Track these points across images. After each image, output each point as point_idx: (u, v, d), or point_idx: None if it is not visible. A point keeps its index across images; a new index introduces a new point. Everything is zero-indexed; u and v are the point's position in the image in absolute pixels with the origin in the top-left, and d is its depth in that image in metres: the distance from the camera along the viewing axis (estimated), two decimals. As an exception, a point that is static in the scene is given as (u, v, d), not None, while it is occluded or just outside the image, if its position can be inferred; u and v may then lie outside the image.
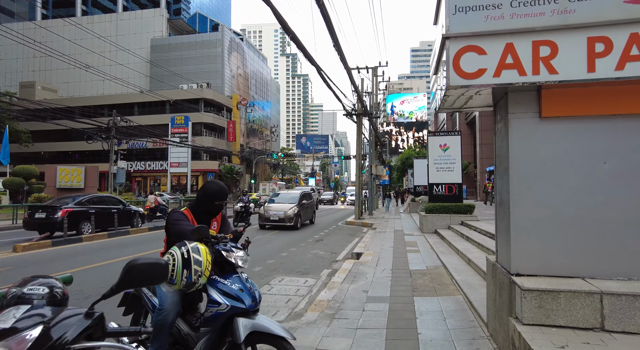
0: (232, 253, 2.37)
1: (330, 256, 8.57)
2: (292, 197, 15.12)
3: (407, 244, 9.23)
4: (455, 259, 6.78)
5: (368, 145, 24.70)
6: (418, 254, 7.83)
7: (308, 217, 15.87)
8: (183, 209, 2.59)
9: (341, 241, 11.13)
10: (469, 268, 5.91)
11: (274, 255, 8.66)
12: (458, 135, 12.02)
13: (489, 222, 10.46)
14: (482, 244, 7.05)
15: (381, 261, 7.07)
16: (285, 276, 6.55)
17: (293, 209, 13.88)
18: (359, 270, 6.34)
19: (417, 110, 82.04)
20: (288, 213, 13.68)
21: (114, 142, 21.00)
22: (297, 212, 14.00)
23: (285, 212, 13.68)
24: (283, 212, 13.69)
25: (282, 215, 13.65)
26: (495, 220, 3.27)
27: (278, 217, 13.66)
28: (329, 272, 6.86)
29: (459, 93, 2.86)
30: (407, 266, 6.60)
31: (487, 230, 8.21)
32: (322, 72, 10.38)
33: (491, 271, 3.22)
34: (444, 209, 11.36)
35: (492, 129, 15.75)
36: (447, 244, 8.73)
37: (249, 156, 45.67)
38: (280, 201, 14.87)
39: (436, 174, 11.85)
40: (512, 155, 2.74)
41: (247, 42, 67.97)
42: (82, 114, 39.34)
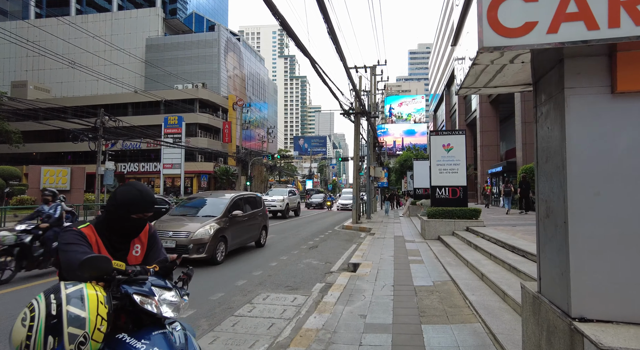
0: (152, 297, 1.53)
1: (324, 266, 7.75)
2: (212, 207, 8.67)
3: (408, 253, 8.41)
4: (465, 273, 5.97)
5: (366, 147, 23.91)
6: (422, 265, 7.01)
7: (249, 237, 9.55)
8: (82, 227, 1.72)
9: (337, 248, 10.30)
10: (483, 285, 5.09)
11: (262, 265, 7.83)
12: (462, 135, 11.23)
13: (497, 228, 9.67)
14: (494, 255, 6.24)
15: (381, 274, 6.25)
16: (271, 292, 5.71)
17: (207, 229, 7.65)
18: (356, 286, 5.51)
19: (415, 112, 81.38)
20: (194, 237, 7.45)
21: (102, 142, 20.11)
22: (217, 233, 7.80)
23: (189, 235, 7.46)
24: (185, 234, 7.50)
25: (184, 238, 7.42)
26: (538, 237, 2.46)
27: (175, 244, 7.37)
28: (322, 286, 6.03)
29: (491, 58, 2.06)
30: (410, 281, 5.78)
31: (498, 238, 7.40)
32: (316, 65, 9.59)
33: (531, 305, 2.41)
34: (447, 214, 10.56)
35: (493, 130, 15.02)
36: (454, 253, 7.91)
37: (244, 157, 44.82)
38: (189, 213, 8.73)
39: (439, 175, 11.06)
40: (571, 147, 1.94)
41: (244, 42, 67.19)
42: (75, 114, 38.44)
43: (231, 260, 8.37)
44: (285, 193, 20.85)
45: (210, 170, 44.74)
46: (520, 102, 19.72)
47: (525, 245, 6.17)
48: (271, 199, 19.54)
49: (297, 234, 13.52)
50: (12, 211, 16.16)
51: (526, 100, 19.69)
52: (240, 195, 9.60)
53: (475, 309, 4.15)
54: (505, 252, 6.33)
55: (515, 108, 20.54)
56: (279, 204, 19.56)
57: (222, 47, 55.46)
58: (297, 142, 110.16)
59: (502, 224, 10.92)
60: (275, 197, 20.11)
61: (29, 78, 56.44)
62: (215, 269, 7.43)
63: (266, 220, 10.72)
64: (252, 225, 9.71)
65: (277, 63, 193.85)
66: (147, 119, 43.88)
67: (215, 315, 4.73)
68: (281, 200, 19.75)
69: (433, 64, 72.94)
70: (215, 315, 4.75)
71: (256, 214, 10.04)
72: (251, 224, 9.64)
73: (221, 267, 7.57)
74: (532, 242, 6.78)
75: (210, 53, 54.42)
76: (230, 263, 8.03)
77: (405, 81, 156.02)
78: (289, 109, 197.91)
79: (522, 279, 4.78)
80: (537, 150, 2.33)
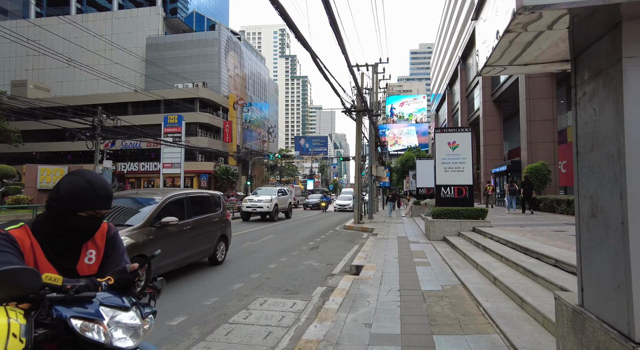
0: (98, 321, 1.15)
1: (325, 269, 7.39)
2: (132, 212, 6.10)
3: (413, 254, 8.05)
4: (475, 276, 5.60)
5: (368, 146, 23.55)
6: (428, 267, 6.65)
7: (196, 253, 7.01)
8: (12, 228, 1.33)
9: (338, 249, 9.94)
10: (497, 290, 4.72)
11: (261, 267, 7.48)
12: (468, 132, 10.86)
13: (505, 228, 9.31)
14: (506, 257, 5.88)
15: (386, 278, 5.88)
16: (269, 297, 5.36)
17: None
18: (360, 291, 5.15)
19: (416, 112, 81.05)
20: None
21: (101, 142, 19.79)
22: (131, 250, 5.41)
23: None
24: None
25: None
26: (579, 240, 2.09)
27: None
28: (323, 290, 5.67)
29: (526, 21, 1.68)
30: (417, 285, 5.42)
31: (508, 239, 7.04)
32: (317, 59, 9.23)
33: (570, 320, 2.05)
34: (453, 214, 10.19)
35: (497, 129, 14.51)
36: (461, 255, 7.55)
37: (245, 157, 44.50)
38: None
39: (444, 174, 10.69)
40: (631, 131, 1.58)
41: (244, 41, 66.91)
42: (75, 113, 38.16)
43: (228, 261, 8.02)
44: (273, 192, 19.09)
45: (211, 169, 44.45)
46: (525, 100, 19.33)
47: (539, 247, 5.81)
48: (257, 200, 18.04)
49: (298, 234, 13.18)
50: (7, 211, 15.84)
51: (531, 98, 19.31)
52: (179, 194, 6.79)
53: (490, 317, 3.78)
54: (517, 254, 5.96)
55: (520, 106, 20.15)
56: (266, 205, 17.79)
57: (223, 46, 55.16)
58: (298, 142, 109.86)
59: (509, 224, 10.55)
60: (261, 197, 18.34)
61: (29, 77, 56.21)
62: (212, 270, 7.09)
63: (227, 229, 8.06)
64: (201, 236, 7.02)
65: (278, 63, 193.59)
66: (148, 118, 43.62)
67: (208, 323, 4.38)
68: (268, 200, 17.97)
69: (435, 63, 72.52)
70: (208, 322, 4.40)
71: (209, 220, 7.35)
72: (198, 235, 6.92)
73: (217, 269, 7.23)
74: (545, 243, 6.41)
75: (210, 52, 54.13)
76: (227, 265, 7.68)
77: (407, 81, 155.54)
78: (289, 109, 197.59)
79: (539, 283, 4.42)
80: (578, 137, 1.97)
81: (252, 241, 11.26)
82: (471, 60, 34.01)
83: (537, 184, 17.21)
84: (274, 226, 16.34)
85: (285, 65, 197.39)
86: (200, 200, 7.47)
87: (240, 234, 13.17)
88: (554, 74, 19.24)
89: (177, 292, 5.64)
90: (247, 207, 17.84)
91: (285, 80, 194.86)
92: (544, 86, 19.14)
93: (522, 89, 19.89)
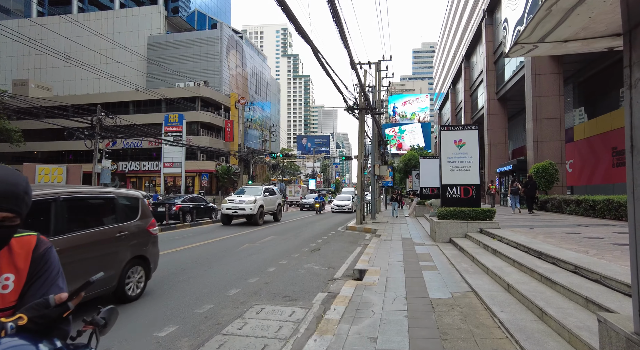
0: None
1: (326, 272, 7.06)
2: None
3: (419, 257, 7.70)
4: (486, 282, 5.25)
5: (370, 145, 23.19)
6: (435, 272, 6.30)
7: None
8: None
9: (341, 251, 9.61)
10: (512, 299, 4.37)
11: (260, 270, 7.15)
12: (475, 130, 10.49)
13: (513, 230, 8.95)
14: (518, 262, 5.52)
15: (391, 283, 5.54)
16: (266, 304, 5.03)
17: None
18: (363, 298, 4.81)
19: (419, 111, 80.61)
20: None
21: (102, 141, 19.52)
22: None
23: None
24: None
25: None
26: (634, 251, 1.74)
27: None
28: (324, 297, 5.34)
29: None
30: (425, 292, 5.08)
31: (518, 242, 6.69)
32: (318, 54, 8.89)
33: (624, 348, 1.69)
34: (459, 215, 9.83)
35: (501, 128, 14.11)
36: (469, 258, 7.20)
37: (246, 156, 44.23)
38: None
39: (450, 174, 10.32)
40: None
41: (246, 40, 66.60)
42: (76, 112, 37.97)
43: (226, 265, 7.70)
44: (258, 192, 16.73)
45: (212, 169, 44.20)
46: (531, 97, 18.91)
47: (554, 251, 5.46)
48: (239, 200, 15.72)
49: (299, 235, 12.85)
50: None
51: (537, 96, 18.89)
52: (44, 195, 4.16)
53: (508, 331, 3.44)
54: (530, 259, 5.61)
55: (526, 104, 19.73)
56: (248, 207, 15.49)
57: (224, 45, 54.90)
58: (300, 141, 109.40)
59: (517, 225, 10.19)
60: (244, 197, 15.94)
61: (31, 77, 56.12)
62: (208, 274, 6.76)
63: (147, 247, 5.53)
64: (88, 262, 4.57)
65: (280, 62, 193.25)
66: (149, 117, 43.41)
67: (199, 333, 4.06)
68: (251, 201, 15.64)
69: (438, 62, 72.01)
70: (199, 332, 4.08)
71: (106, 235, 4.88)
72: (83, 260, 4.49)
73: (214, 273, 6.90)
74: (559, 246, 6.05)
75: (212, 51, 53.87)
76: (225, 268, 7.35)
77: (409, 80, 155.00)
78: (292, 108, 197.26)
79: (558, 292, 4.06)
80: (633, 128, 1.62)
81: (251, 243, 10.95)
82: (475, 59, 33.57)
83: (544, 184, 16.82)
84: (276, 227, 16.03)
85: (288, 65, 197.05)
86: (90, 204, 4.95)
87: (225, 239, 12.87)
88: (560, 71, 18.82)
89: (170, 298, 5.32)
90: (226, 209, 15.69)
91: (287, 80, 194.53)
92: (550, 83, 18.73)
93: (528, 86, 19.48)
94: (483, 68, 28.51)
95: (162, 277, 6.49)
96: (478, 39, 31.14)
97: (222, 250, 9.45)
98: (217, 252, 9.15)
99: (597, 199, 12.16)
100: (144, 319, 4.48)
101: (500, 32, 25.66)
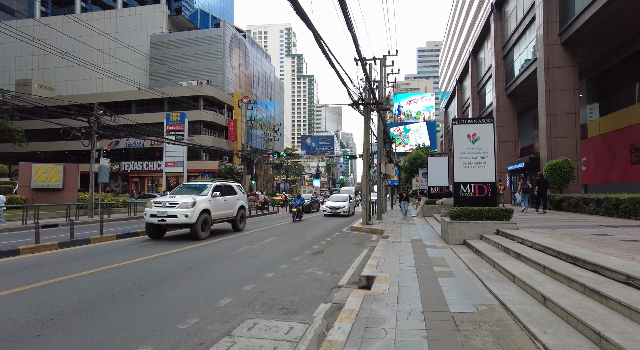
0: None
1: (330, 279, 6.36)
2: None
3: (432, 262, 6.98)
4: (515, 293, 4.53)
5: (376, 143, 22.45)
6: (453, 279, 5.58)
7: None
8: None
9: (346, 254, 8.91)
10: (552, 315, 3.65)
11: (256, 276, 6.47)
12: (490, 123, 9.75)
13: (534, 231, 8.20)
14: (550, 268, 4.80)
15: (403, 293, 4.84)
16: (260, 318, 4.35)
17: None
18: (373, 312, 4.11)
19: (424, 110, 79.79)
20: None
21: (96, 139, 18.96)
22: None
23: None
24: None
25: None
26: None
27: None
28: (327, 309, 4.65)
29: None
30: (444, 304, 4.37)
31: (545, 245, 5.95)
32: (321, 41, 8.21)
33: None
34: (474, 214, 9.10)
35: (511, 125, 13.30)
36: (489, 263, 6.47)
37: (249, 156, 43.63)
38: None
39: (463, 170, 9.59)
40: None
41: (249, 39, 66.05)
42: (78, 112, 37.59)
43: (219, 269, 7.03)
44: (203, 190, 11.80)
45: (215, 168, 43.65)
46: (544, 92, 18.08)
47: (592, 257, 4.72)
48: (169, 203, 10.77)
49: (301, 236, 12.17)
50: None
51: (551, 90, 18.06)
52: None
53: (558, 360, 2.72)
54: (564, 265, 4.88)
55: (539, 99, 18.89)
56: (183, 213, 10.53)
57: (227, 44, 54.39)
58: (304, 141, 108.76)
59: (535, 226, 9.44)
60: (178, 198, 10.96)
61: (34, 77, 56.03)
62: (199, 280, 6.09)
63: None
64: None
65: (284, 62, 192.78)
66: (151, 116, 42.99)
67: (177, 357, 3.38)
68: (188, 204, 10.68)
69: (443, 60, 70.99)
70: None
71: None
72: None
73: (205, 279, 6.22)
74: (595, 250, 5.31)
75: (215, 49, 53.38)
76: (218, 272, 6.68)
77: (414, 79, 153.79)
78: (296, 108, 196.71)
79: (613, 309, 3.33)
80: None
81: (250, 244, 10.29)
82: (482, 55, 32.71)
83: (559, 182, 16.00)
84: (276, 227, 15.35)
85: (292, 65, 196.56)
86: None
87: (222, 241, 12.23)
88: (576, 64, 17.98)
89: (151, 309, 4.64)
90: (151, 215, 10.76)
91: (291, 80, 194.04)
92: (565, 77, 17.89)
93: (541, 80, 18.66)
94: (491, 64, 27.67)
95: (147, 284, 5.84)
96: (486, 34, 30.27)
97: (218, 253, 8.80)
98: (211, 255, 8.50)
99: (622, 198, 11.35)
100: (114, 338, 3.81)
101: (510, 26, 24.80)
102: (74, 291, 5.45)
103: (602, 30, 16.15)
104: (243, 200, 13.98)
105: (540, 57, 18.59)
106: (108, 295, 5.26)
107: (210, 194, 11.81)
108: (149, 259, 8.05)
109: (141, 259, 7.95)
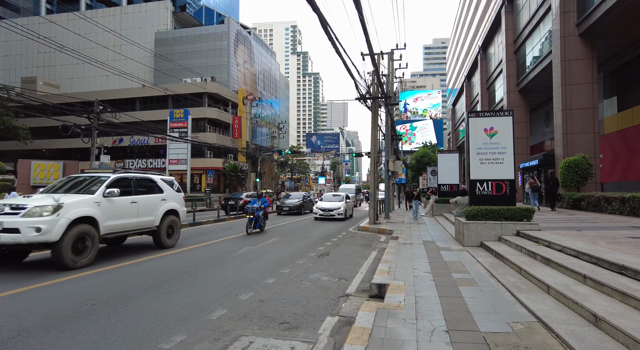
0: None
1: (337, 285, 5.75)
2: None
3: (449, 267, 6.34)
4: (554, 308, 3.88)
5: (383, 140, 21.77)
6: (476, 289, 4.94)
7: None
8: None
9: (353, 256, 8.29)
10: (611, 342, 3.00)
11: (255, 282, 5.88)
12: (509, 116, 9.07)
13: (558, 232, 7.53)
14: (591, 278, 4.15)
15: (422, 306, 4.21)
16: (258, 335, 3.74)
17: None
18: (388, 332, 3.49)
19: (431, 108, 78.70)
20: None
21: (97, 135, 18.53)
22: None
23: None
24: None
25: None
26: None
27: None
28: (335, 324, 4.04)
29: None
30: (471, 321, 3.73)
31: (578, 249, 5.29)
32: (327, 27, 7.58)
33: None
34: (492, 214, 8.43)
35: (523, 121, 12.24)
36: (514, 269, 5.82)
37: (254, 153, 43.13)
38: None
39: (480, 167, 8.91)
40: None
41: (254, 36, 65.51)
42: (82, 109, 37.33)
43: (216, 274, 6.44)
44: (94, 188, 7.49)
45: (219, 166, 43.23)
46: (560, 86, 17.27)
47: (643, 265, 4.06)
48: (11, 209, 6.42)
49: (306, 237, 11.58)
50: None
51: (567, 84, 17.24)
52: None
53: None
54: (609, 275, 4.22)
55: (554, 93, 18.08)
56: (33, 225, 6.16)
57: (232, 40, 53.89)
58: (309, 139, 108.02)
59: (557, 227, 8.75)
60: (31, 201, 6.62)
61: (39, 74, 56.01)
62: (192, 287, 5.50)
63: None
64: None
65: (289, 60, 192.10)
66: (155, 114, 42.64)
67: (154, 388, 2.78)
68: (46, 210, 6.37)
69: (451, 56, 69.91)
70: (155, 386, 2.80)
71: None
72: None
73: (199, 286, 5.64)
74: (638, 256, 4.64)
75: (219, 46, 52.92)
76: (213, 279, 6.09)
77: (420, 77, 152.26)
78: (301, 106, 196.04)
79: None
80: None
81: (252, 246, 9.71)
82: (492, 49, 31.82)
83: (576, 180, 15.24)
84: (277, 227, 14.78)
85: (297, 63, 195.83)
86: None
87: (222, 241, 11.67)
88: (594, 56, 17.14)
89: (133, 324, 4.05)
90: None
91: (297, 78, 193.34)
92: (583, 70, 17.06)
93: (556, 74, 17.84)
94: (502, 58, 26.81)
95: (134, 292, 5.26)
96: (496, 28, 29.40)
97: (216, 255, 8.22)
98: (209, 258, 7.92)
99: (650, 197, 10.60)
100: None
101: (522, 18, 23.93)
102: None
103: (623, 21, 15.31)
104: (174, 202, 9.65)
105: (556, 50, 17.77)
106: (88, 304, 4.70)
107: (102, 192, 7.41)
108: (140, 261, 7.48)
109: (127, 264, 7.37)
